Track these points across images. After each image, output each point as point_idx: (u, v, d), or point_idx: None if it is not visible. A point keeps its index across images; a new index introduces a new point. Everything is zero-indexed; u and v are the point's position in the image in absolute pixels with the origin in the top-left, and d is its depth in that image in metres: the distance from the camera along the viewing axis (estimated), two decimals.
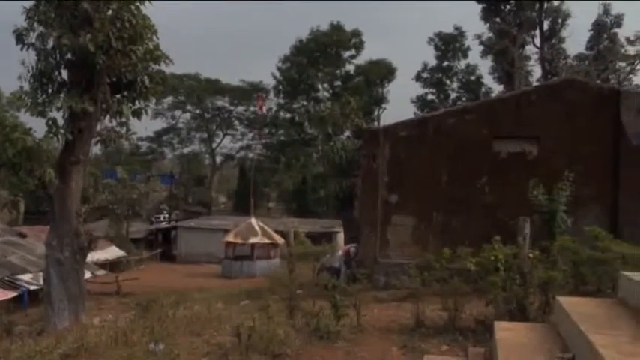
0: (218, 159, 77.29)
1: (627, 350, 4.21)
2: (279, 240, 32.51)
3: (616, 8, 44.39)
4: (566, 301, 6.11)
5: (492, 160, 16.24)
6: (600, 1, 44.17)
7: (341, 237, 36.98)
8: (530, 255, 9.12)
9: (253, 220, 35.12)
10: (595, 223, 13.40)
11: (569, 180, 12.97)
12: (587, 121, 15.89)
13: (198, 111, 73.08)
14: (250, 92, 68.30)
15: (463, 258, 10.35)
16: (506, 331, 6.23)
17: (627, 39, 44.08)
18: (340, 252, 20.15)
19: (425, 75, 56.83)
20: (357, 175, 21.24)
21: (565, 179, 12.93)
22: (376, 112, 61.36)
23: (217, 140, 75.51)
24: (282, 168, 62.85)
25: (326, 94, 62.37)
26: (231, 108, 72.89)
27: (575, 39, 56.43)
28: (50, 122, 13.59)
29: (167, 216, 54.81)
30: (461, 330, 9.28)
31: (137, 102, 14.71)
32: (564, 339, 5.56)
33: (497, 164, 16.18)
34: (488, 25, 45.26)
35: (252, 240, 33.22)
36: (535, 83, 40.82)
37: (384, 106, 62.82)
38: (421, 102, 56.15)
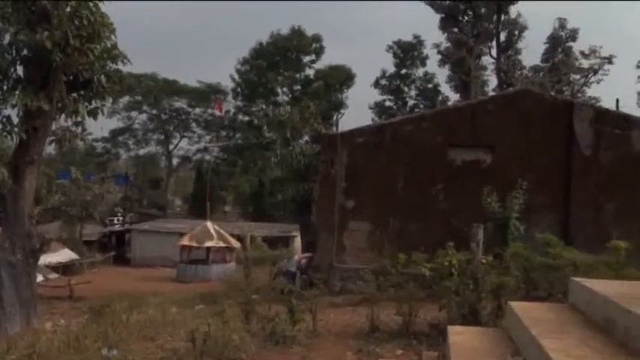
0: (174, 161, 76.37)
1: (576, 354, 4.34)
2: (236, 244, 32.28)
3: (572, 23, 45.67)
4: (518, 306, 6.25)
5: (448, 168, 16.53)
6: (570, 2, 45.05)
7: (298, 241, 36.92)
8: (484, 261, 9.31)
9: (209, 224, 34.78)
10: (547, 230, 13.78)
11: (523, 188, 13.30)
12: (541, 132, 16.32)
13: (155, 112, 72.08)
14: (208, 94, 67.73)
15: (418, 263, 10.50)
16: (459, 336, 6.33)
17: (582, 52, 45.60)
18: (297, 257, 20.17)
19: (383, 82, 57.39)
20: (315, 179, 21.25)
21: (518, 187, 13.25)
22: (335, 118, 61.65)
23: (174, 142, 74.62)
24: (239, 171, 62.47)
25: (285, 98, 62.33)
26: (189, 109, 72.15)
27: (531, 51, 57.81)
28: (4, 120, 13.22)
29: (121, 218, 53.81)
30: (415, 334, 9.39)
31: (93, 101, 14.41)
32: (516, 343, 5.68)
33: (453, 172, 16.48)
34: (446, 34, 46.06)
35: (208, 244, 32.88)
36: (491, 93, 41.70)
37: (342, 111, 63.20)
38: (379, 108, 56.65)
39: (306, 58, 63.50)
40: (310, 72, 63.76)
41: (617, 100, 33.57)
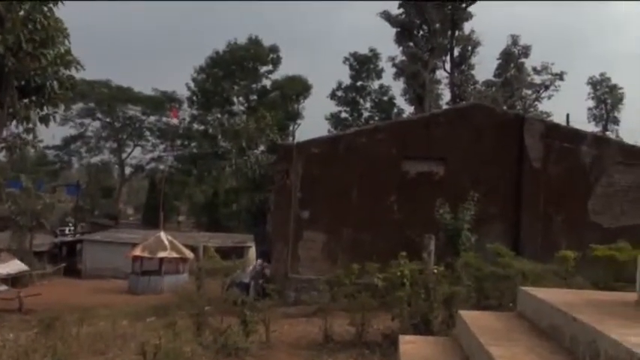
0: (127, 170, 74.99)
1: None
2: (189, 254, 31.83)
3: (524, 40, 46.95)
4: (468, 315, 6.34)
5: (401, 179, 16.73)
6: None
7: (253, 252, 36.69)
8: (435, 271, 9.44)
9: (162, 234, 34.19)
10: (498, 240, 14.08)
11: (474, 199, 13.55)
12: (493, 145, 16.70)
13: (108, 119, 70.71)
14: (163, 102, 66.84)
15: (371, 273, 10.57)
16: (410, 345, 6.38)
17: (534, 68, 46.93)
18: (251, 267, 20.04)
19: (339, 93, 57.80)
20: (270, 190, 21.24)
21: (470, 199, 13.49)
22: (291, 128, 61.69)
23: (127, 150, 73.31)
24: (193, 181, 61.73)
25: (241, 107, 62.01)
26: (143, 118, 71.01)
27: (484, 66, 59.09)
28: None
29: (72, 228, 52.49)
30: (368, 344, 9.43)
31: (45, 108, 14.11)
32: (465, 351, 5.76)
33: (406, 183, 16.68)
34: (401, 48, 46.69)
35: (161, 254, 32.28)
36: (445, 106, 42.37)
37: (299, 122, 63.26)
38: (335, 120, 56.98)
39: (263, 68, 63.40)
40: (267, 82, 63.69)
41: (568, 115, 34.70)
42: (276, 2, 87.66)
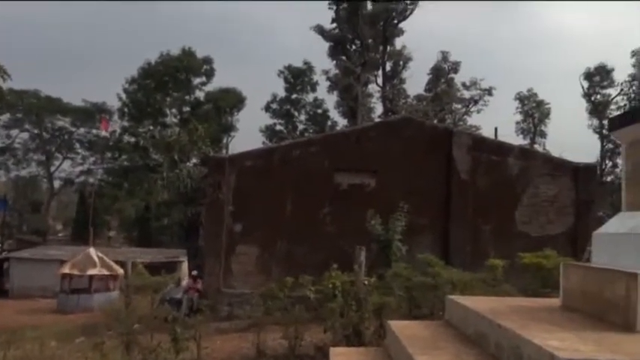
0: (56, 183, 72.33)
1: None
2: (119, 271, 30.98)
3: (454, 56, 48.36)
4: (397, 325, 6.42)
5: (334, 191, 16.88)
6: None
7: (185, 267, 36.05)
8: (366, 282, 9.52)
9: (92, 250, 33.11)
10: (428, 250, 14.41)
11: (404, 211, 13.78)
12: (423, 157, 17.09)
13: (36, 131, 68.13)
14: (93, 113, 64.96)
15: (305, 286, 10.56)
16: (340, 357, 6.41)
17: (463, 84, 48.39)
18: (183, 283, 19.70)
19: (274, 106, 57.75)
20: (203, 203, 20.93)
21: (400, 210, 13.71)
22: (225, 140, 61.12)
23: (56, 163, 70.75)
24: (124, 195, 60.14)
25: (174, 119, 61.01)
26: (73, 129, 68.77)
27: (416, 81, 60.53)
28: None
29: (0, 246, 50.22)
30: (301, 358, 9.42)
31: None
32: None
33: (339, 195, 16.84)
34: (335, 62, 47.21)
35: (91, 271, 31.23)
36: (377, 119, 43.04)
37: (233, 134, 62.76)
38: (270, 132, 56.88)
39: (197, 80, 62.65)
40: (200, 94, 62.95)
41: (496, 129, 35.76)
42: (211, 13, 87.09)
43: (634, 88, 43.59)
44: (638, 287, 4.83)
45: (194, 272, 19.88)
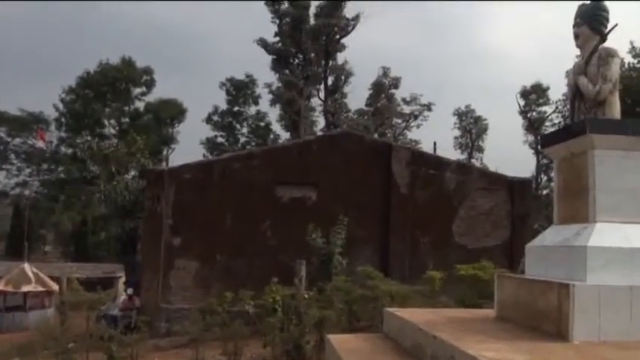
0: None
1: None
2: (55, 287, 29.88)
3: (394, 72, 49.17)
4: (335, 339, 6.42)
5: (275, 205, 16.82)
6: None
7: (123, 282, 35.11)
8: (306, 295, 9.50)
9: (27, 266, 31.74)
10: (369, 263, 14.51)
11: (344, 224, 13.84)
12: (363, 171, 17.25)
13: None
14: (30, 123, 62.75)
15: (244, 301, 10.46)
16: None
17: (403, 99, 49.25)
18: (121, 299, 19.17)
19: (215, 118, 57.25)
20: (141, 217, 20.47)
21: (340, 223, 13.77)
22: (165, 153, 60.12)
23: None
24: (61, 208, 58.26)
25: (112, 130, 59.64)
26: (8, 139, 66.24)
27: (357, 95, 61.21)
28: None
29: None
30: None
31: None
32: None
33: (280, 208, 16.79)
34: (278, 75, 47.25)
35: (25, 288, 29.95)
36: (319, 133, 43.23)
37: (173, 146, 61.78)
38: (211, 145, 56.28)
39: (136, 90, 61.48)
40: (140, 105, 61.77)
41: (435, 144, 36.42)
42: (152, 23, 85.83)
43: (567, 106, 45.20)
44: (570, 297, 4.97)
45: (129, 290, 19.38)
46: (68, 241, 56.72)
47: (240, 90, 56.90)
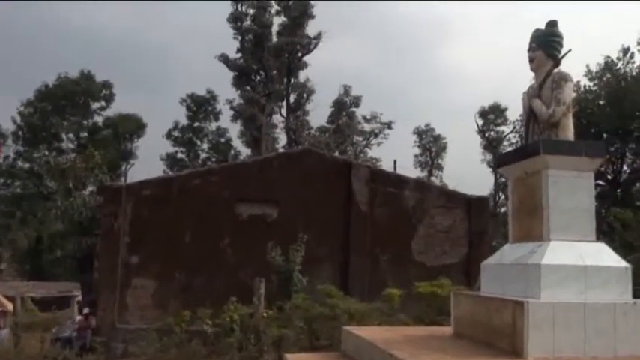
0: None
1: None
2: (9, 306, 28.96)
3: (355, 91, 49.52)
4: (294, 358, 6.39)
5: (235, 222, 16.69)
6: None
7: (79, 301, 34.25)
8: (265, 314, 9.41)
9: None
10: (329, 280, 14.48)
11: (304, 241, 13.81)
12: (323, 188, 17.28)
13: None
14: None
15: (202, 319, 10.31)
16: None
17: (364, 117, 49.69)
18: (77, 319, 18.70)
19: (176, 134, 56.71)
20: (98, 234, 20.05)
21: (300, 240, 13.74)
22: (124, 168, 59.18)
23: None
24: (17, 224, 56.66)
25: (70, 145, 58.48)
26: None
27: (319, 113, 61.46)
28: None
29: None
30: None
31: None
32: None
33: (240, 226, 16.65)
34: (239, 92, 47.15)
35: None
36: (281, 150, 43.22)
37: (132, 162, 60.87)
38: (171, 160, 55.66)
39: (95, 105, 60.53)
40: (99, 119, 60.79)
41: (395, 162, 36.70)
42: (111, 37, 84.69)
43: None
44: (525, 314, 5.05)
45: (86, 309, 18.92)
46: (24, 259, 55.16)
47: (200, 106, 56.55)
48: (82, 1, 79.98)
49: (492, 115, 49.33)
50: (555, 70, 6.20)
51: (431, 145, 53.45)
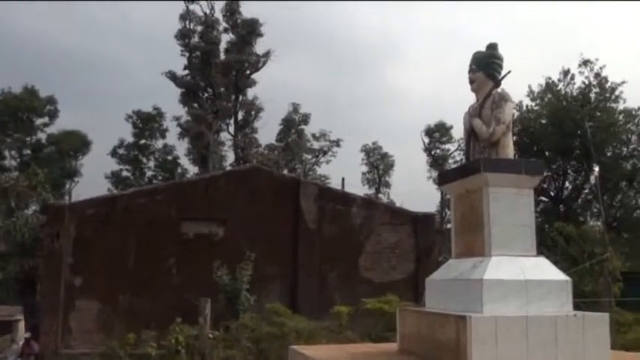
0: None
1: None
2: None
3: (304, 109, 49.69)
4: None
5: (180, 241, 16.44)
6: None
7: (22, 326, 32.95)
8: (211, 335, 9.26)
9: None
10: (277, 299, 14.39)
11: (251, 260, 13.70)
12: (271, 206, 17.22)
13: None
14: None
15: (148, 342, 10.07)
16: None
17: (313, 135, 49.91)
18: (16, 345, 17.99)
19: (121, 151, 55.60)
20: (41, 255, 19.39)
21: (247, 259, 13.62)
22: (68, 186, 57.63)
23: None
24: None
25: (13, 162, 56.61)
26: None
27: (268, 131, 61.39)
28: None
29: None
30: None
31: None
32: None
33: (186, 245, 16.40)
34: (187, 108, 46.69)
35: None
36: (228, 168, 42.93)
37: (76, 180, 59.36)
38: (116, 179, 54.47)
39: (39, 121, 58.85)
40: (42, 136, 59.12)
41: (343, 179, 36.93)
42: (54, 50, 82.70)
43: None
44: (468, 329, 5.11)
45: (26, 334, 18.22)
46: None
47: (147, 123, 55.65)
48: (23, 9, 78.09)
49: (438, 133, 50.28)
50: (495, 91, 6.36)
51: (378, 163, 54.04)
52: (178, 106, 47.62)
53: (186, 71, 46.69)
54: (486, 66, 6.47)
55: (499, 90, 6.38)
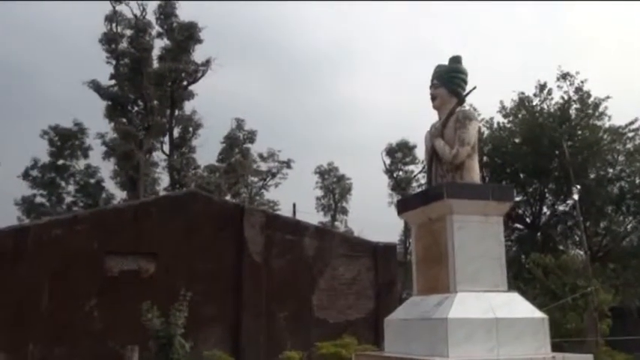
0: None
1: None
2: None
3: (250, 125, 49.53)
4: None
5: (103, 279, 16.19)
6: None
7: None
8: None
9: None
10: (218, 345, 14.27)
11: (187, 300, 13.54)
12: (211, 237, 17.15)
13: None
14: None
15: None
16: None
17: (260, 155, 49.72)
18: None
19: (35, 173, 54.39)
20: None
21: (183, 299, 13.45)
22: None
23: None
24: None
25: None
26: None
27: (208, 150, 60.94)
28: None
29: None
30: None
31: None
32: None
33: (110, 283, 16.14)
34: (113, 124, 46.06)
35: None
36: (162, 192, 42.51)
37: None
38: (28, 205, 53.15)
39: None
40: None
41: (294, 205, 37.00)
42: None
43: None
44: None
45: None
46: None
47: (66, 140, 54.62)
48: None
49: (400, 153, 50.68)
50: (459, 109, 6.49)
51: (334, 187, 54.32)
52: (103, 121, 46.82)
53: (113, 81, 46.11)
54: (449, 81, 6.59)
55: (463, 107, 6.52)
